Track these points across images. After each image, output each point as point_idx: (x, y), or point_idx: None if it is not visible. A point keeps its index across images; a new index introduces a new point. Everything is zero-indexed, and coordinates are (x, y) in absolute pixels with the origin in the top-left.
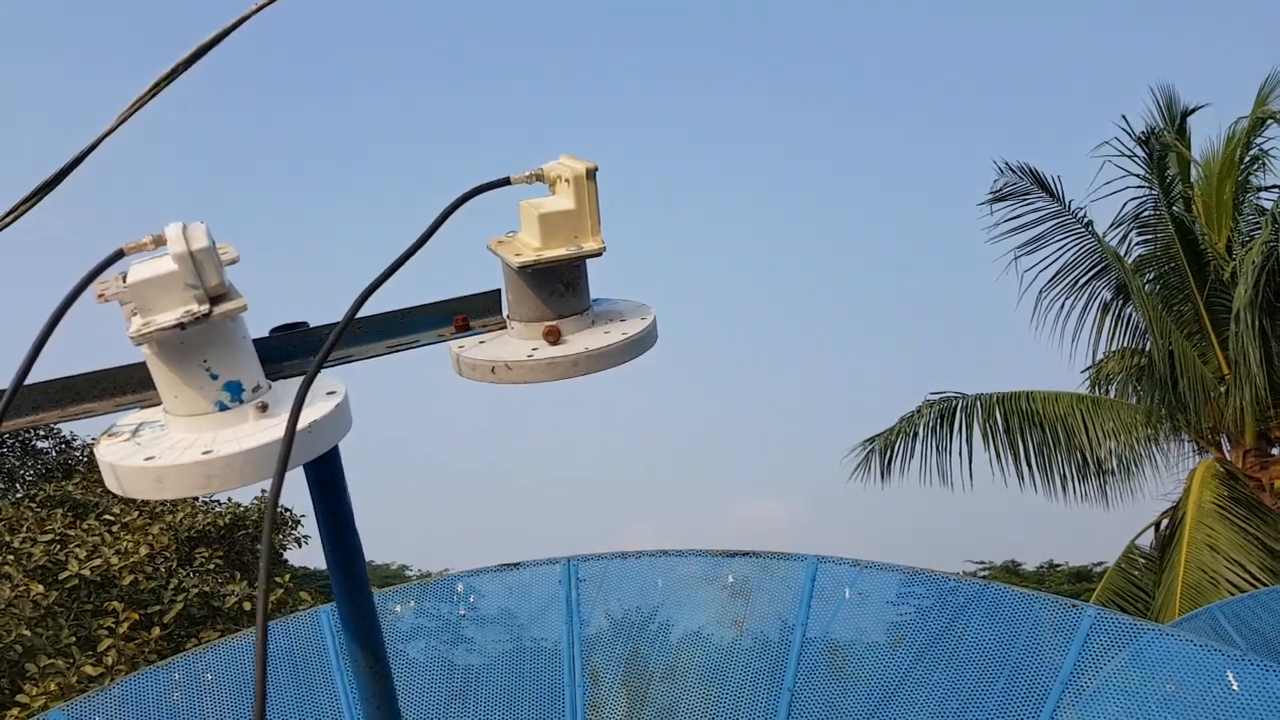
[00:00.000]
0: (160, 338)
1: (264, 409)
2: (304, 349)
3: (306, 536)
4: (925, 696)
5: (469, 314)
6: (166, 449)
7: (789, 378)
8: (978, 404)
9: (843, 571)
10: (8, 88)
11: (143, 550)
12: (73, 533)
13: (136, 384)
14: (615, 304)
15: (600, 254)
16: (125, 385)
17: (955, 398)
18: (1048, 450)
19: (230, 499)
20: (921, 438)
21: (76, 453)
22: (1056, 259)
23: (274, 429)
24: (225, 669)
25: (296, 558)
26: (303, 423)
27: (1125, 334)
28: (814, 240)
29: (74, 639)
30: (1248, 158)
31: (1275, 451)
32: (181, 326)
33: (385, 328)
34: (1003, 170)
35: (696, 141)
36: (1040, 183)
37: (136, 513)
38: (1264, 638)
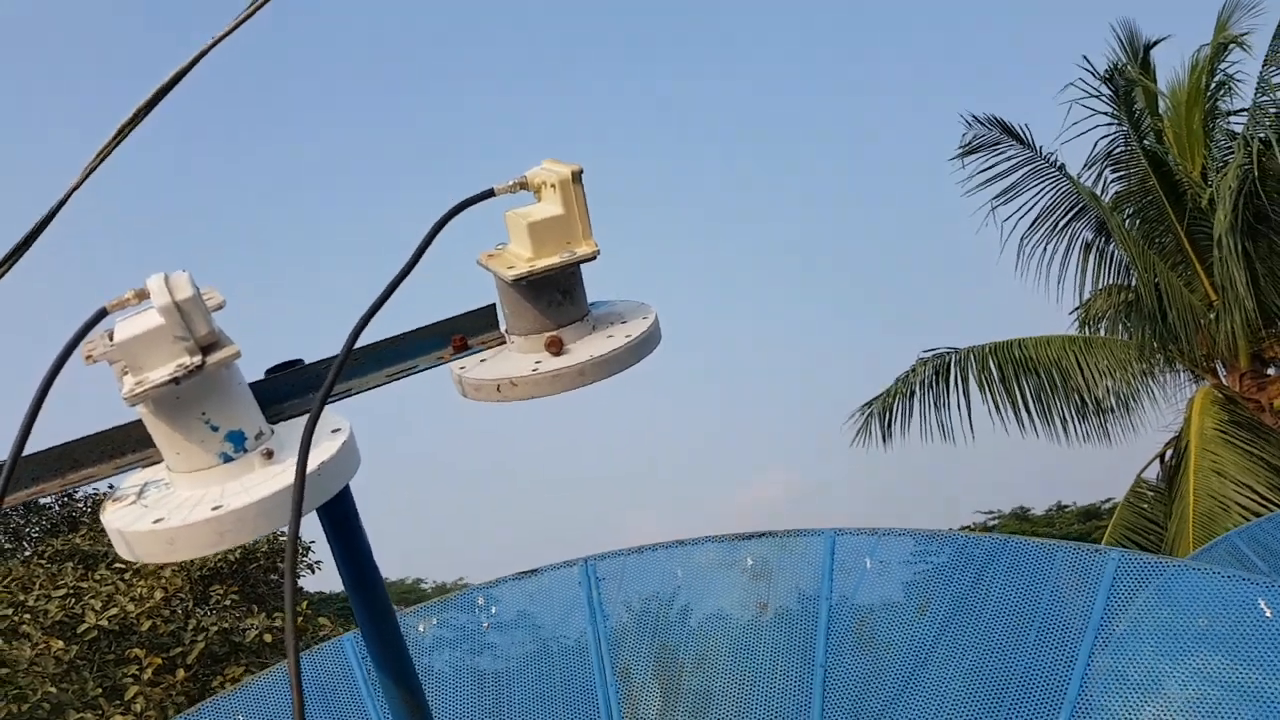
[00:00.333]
0: (155, 395)
1: (269, 455)
2: (302, 387)
3: (319, 562)
4: (959, 658)
5: (466, 333)
6: (174, 509)
7: (778, 355)
8: (971, 356)
9: (861, 542)
10: None
11: (158, 594)
12: (86, 585)
13: (136, 443)
14: (614, 305)
15: (595, 257)
16: (124, 445)
17: (948, 352)
18: (1045, 395)
19: None
20: (919, 396)
21: (79, 504)
22: (1034, 205)
23: (282, 476)
24: (256, 707)
25: (311, 583)
26: (311, 465)
27: (1110, 271)
28: (787, 207)
29: (100, 690)
30: (1213, 84)
31: (1271, 371)
32: (175, 381)
33: (383, 356)
34: (970, 123)
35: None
36: (1009, 131)
37: None
38: None
